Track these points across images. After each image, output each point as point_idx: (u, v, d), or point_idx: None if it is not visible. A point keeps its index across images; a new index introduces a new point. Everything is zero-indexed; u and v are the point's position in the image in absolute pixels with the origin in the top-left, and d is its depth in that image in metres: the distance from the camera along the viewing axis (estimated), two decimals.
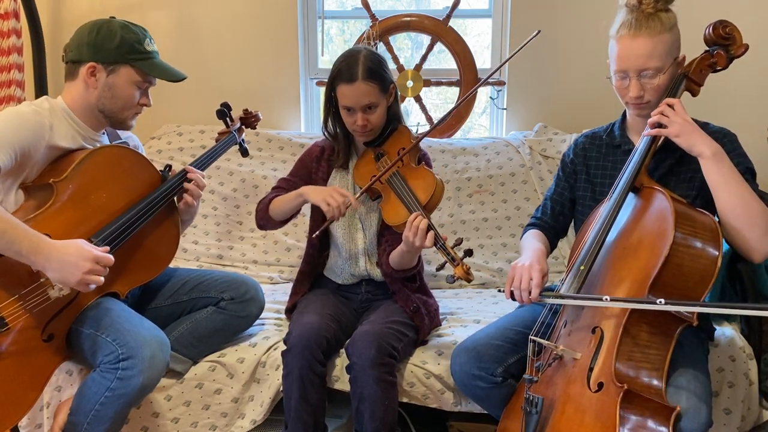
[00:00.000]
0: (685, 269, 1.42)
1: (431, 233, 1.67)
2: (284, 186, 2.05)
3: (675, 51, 1.61)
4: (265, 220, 2.02)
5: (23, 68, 2.65)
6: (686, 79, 1.64)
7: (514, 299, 1.57)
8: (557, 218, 1.87)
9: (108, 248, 1.65)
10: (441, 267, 1.70)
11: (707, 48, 1.66)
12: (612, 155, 1.77)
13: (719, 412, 1.82)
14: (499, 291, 1.61)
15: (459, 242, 1.68)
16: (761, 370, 1.87)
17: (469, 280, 1.64)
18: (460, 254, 1.65)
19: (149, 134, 2.82)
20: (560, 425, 1.45)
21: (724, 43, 1.63)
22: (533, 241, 1.77)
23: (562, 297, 1.51)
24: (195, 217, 2.04)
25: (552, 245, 1.85)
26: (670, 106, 1.56)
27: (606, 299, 1.41)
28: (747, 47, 1.62)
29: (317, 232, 1.87)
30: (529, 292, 1.53)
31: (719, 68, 1.64)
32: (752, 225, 1.48)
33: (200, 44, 2.93)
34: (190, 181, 1.89)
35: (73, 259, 1.55)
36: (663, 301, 1.34)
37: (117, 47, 1.74)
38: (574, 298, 1.50)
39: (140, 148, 2.04)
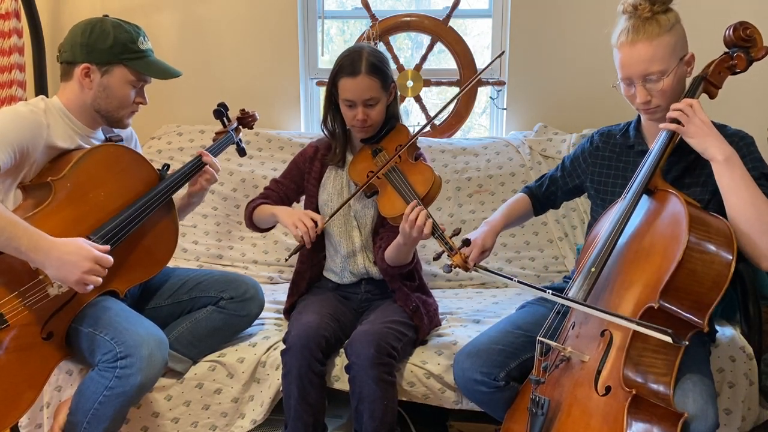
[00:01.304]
0: (698, 275, 1.40)
1: (429, 222, 1.68)
2: (274, 188, 2.07)
3: (679, 51, 1.59)
4: (250, 225, 2.07)
5: (24, 68, 2.65)
6: (704, 81, 1.61)
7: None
8: (548, 196, 1.97)
9: (108, 248, 1.65)
10: (438, 257, 1.69)
11: (727, 50, 1.63)
12: (625, 156, 1.77)
13: (720, 412, 1.81)
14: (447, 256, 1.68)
15: (457, 232, 1.69)
16: (761, 370, 1.87)
17: (467, 269, 1.64)
18: (458, 244, 1.65)
19: (149, 134, 2.82)
20: (566, 427, 1.45)
21: (745, 45, 1.59)
22: (501, 215, 1.90)
23: (487, 270, 1.62)
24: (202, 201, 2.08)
25: (536, 212, 1.99)
26: (690, 105, 1.53)
27: (515, 279, 1.53)
28: None
29: (288, 256, 1.92)
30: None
31: (738, 70, 1.61)
32: (763, 232, 1.46)
33: (200, 44, 2.93)
34: (204, 165, 1.92)
35: (72, 258, 1.55)
36: (515, 279, 1.52)
37: (110, 47, 1.74)
38: (491, 272, 1.61)
39: (135, 141, 2.04)
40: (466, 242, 1.67)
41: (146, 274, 1.85)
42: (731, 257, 1.41)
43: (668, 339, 1.32)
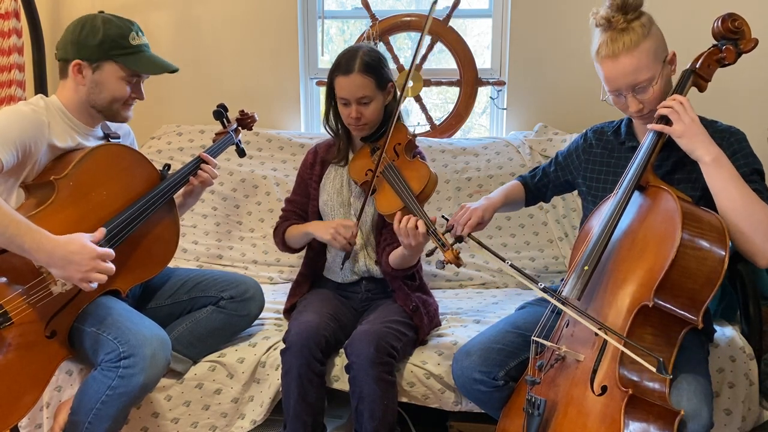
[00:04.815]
0: (691, 271, 1.40)
1: (421, 222, 1.70)
2: (290, 208, 2.10)
3: (661, 53, 1.58)
4: (285, 249, 2.09)
5: (24, 68, 2.65)
6: (693, 74, 1.60)
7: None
8: (540, 188, 1.98)
9: (104, 230, 1.66)
10: (431, 253, 1.73)
11: (715, 42, 1.61)
12: (617, 152, 1.77)
13: (720, 412, 1.82)
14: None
15: (449, 228, 1.71)
16: (761, 370, 1.86)
17: (459, 265, 1.66)
18: (450, 240, 1.67)
19: (149, 134, 2.82)
20: (562, 428, 1.45)
21: (733, 38, 1.58)
22: (500, 194, 1.92)
23: (481, 244, 1.66)
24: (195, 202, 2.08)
25: (528, 202, 2.02)
26: (680, 103, 1.53)
27: (508, 262, 1.56)
28: (756, 42, 1.57)
29: (342, 263, 1.97)
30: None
31: (727, 63, 1.59)
32: (755, 230, 1.46)
33: (200, 44, 2.93)
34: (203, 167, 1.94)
35: (76, 257, 1.56)
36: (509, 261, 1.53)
37: (99, 44, 1.73)
38: (484, 246, 1.65)
39: (132, 139, 2.04)
40: (459, 239, 1.70)
41: (148, 273, 1.85)
42: (724, 253, 1.41)
43: (652, 368, 1.34)
